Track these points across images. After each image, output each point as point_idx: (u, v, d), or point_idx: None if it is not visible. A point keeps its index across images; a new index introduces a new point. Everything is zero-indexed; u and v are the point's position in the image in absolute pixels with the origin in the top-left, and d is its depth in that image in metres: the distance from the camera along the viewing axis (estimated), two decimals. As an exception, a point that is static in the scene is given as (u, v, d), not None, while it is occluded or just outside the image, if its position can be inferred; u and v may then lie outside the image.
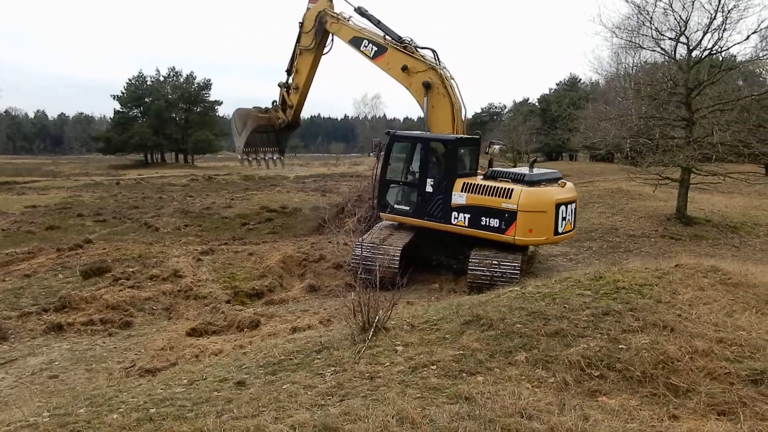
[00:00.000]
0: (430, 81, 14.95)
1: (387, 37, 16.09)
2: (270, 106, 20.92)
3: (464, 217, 13.19)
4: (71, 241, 18.63)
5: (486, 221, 12.89)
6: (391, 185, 14.42)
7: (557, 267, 14.89)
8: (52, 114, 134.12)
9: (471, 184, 13.22)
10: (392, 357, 6.05)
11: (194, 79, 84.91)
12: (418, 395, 5.04)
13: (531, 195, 12.60)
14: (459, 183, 13.30)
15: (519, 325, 6.45)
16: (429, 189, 13.66)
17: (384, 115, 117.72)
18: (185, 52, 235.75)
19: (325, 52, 18.69)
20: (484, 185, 13.05)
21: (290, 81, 19.59)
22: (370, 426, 4.31)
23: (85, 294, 12.25)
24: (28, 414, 5.57)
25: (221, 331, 10.72)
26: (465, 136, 14.52)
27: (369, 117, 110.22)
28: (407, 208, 14.01)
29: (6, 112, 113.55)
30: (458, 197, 13.23)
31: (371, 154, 16.50)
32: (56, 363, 9.42)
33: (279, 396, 5.24)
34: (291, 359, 6.42)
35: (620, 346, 5.93)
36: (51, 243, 19.55)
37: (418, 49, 15.68)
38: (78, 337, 10.62)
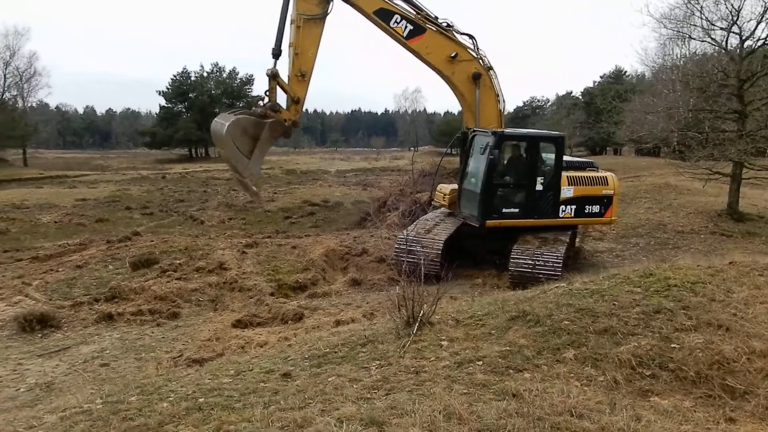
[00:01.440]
0: (479, 72, 14.13)
1: (421, 14, 13.64)
2: (260, 103, 12.97)
3: (571, 209, 13.88)
4: (120, 234, 19.13)
5: (589, 209, 14.02)
6: (499, 189, 13.61)
7: (603, 263, 14.60)
8: (101, 110, 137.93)
9: (575, 177, 13.96)
10: (437, 352, 6.01)
11: (237, 74, 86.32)
12: (465, 391, 4.99)
13: (616, 180, 14.42)
14: (564, 177, 13.79)
15: (567, 322, 6.34)
16: (539, 187, 13.60)
17: (424, 109, 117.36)
18: (227, 48, 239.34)
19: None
20: (587, 176, 14.08)
21: (289, 67, 12.82)
22: (417, 421, 4.29)
23: (134, 285, 12.55)
24: (82, 401, 5.72)
25: (266, 323, 10.85)
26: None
27: (409, 111, 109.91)
28: (516, 210, 13.60)
29: (57, 108, 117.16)
30: (566, 191, 13.79)
31: (449, 150, 15.89)
32: (107, 351, 9.68)
33: (325, 389, 5.26)
34: (336, 352, 6.45)
35: (673, 346, 5.77)
36: (101, 235, 20.12)
37: (456, 35, 14.11)
38: (128, 326, 10.89)
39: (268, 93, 12.40)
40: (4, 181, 43.29)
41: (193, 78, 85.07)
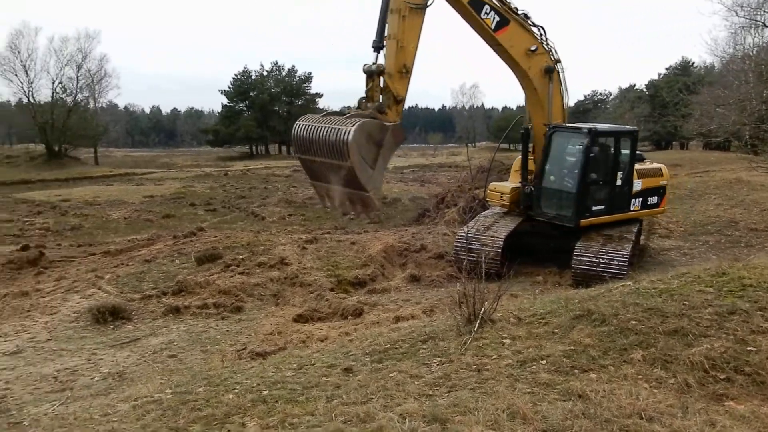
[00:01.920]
0: (553, 66, 13.55)
1: (505, 5, 13.00)
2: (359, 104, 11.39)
3: (638, 202, 13.93)
4: (185, 229, 19.72)
5: (650, 200, 14.08)
6: (592, 187, 13.16)
7: (670, 262, 14.12)
8: (166, 109, 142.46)
9: (640, 169, 13.92)
10: (499, 350, 5.95)
11: (295, 72, 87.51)
12: (528, 390, 4.92)
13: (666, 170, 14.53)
14: (634, 171, 13.75)
15: (634, 322, 6.15)
16: (619, 182, 13.47)
17: (482, 104, 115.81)
18: (286, 46, 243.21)
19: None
20: (648, 168, 14.13)
21: (387, 62, 11.33)
22: (481, 419, 4.26)
23: (200, 279, 12.91)
24: (152, 390, 5.94)
25: (326, 318, 10.99)
26: None
27: (467, 107, 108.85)
28: (602, 207, 13.33)
29: (125, 108, 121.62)
30: (637, 184, 13.80)
31: (509, 146, 15.36)
32: (175, 343, 10.00)
33: (386, 384, 5.28)
34: (396, 348, 6.47)
35: (749, 348, 5.51)
36: (167, 230, 20.83)
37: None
38: (194, 319, 11.22)
39: (368, 92, 11.00)
40: (78, 179, 45.33)
41: (253, 77, 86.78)
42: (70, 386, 8.23)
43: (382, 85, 10.98)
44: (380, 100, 10.89)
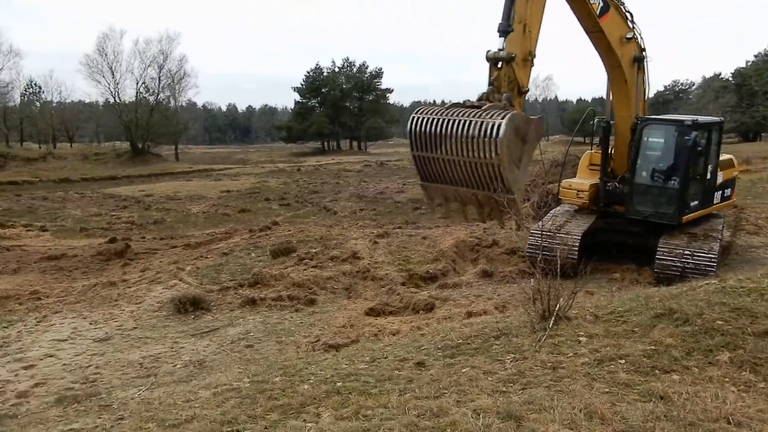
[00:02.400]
0: (641, 55, 12.83)
1: None
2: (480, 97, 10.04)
3: (718, 195, 13.42)
4: (261, 223, 20.27)
5: (725, 193, 13.63)
6: (691, 181, 12.49)
7: (759, 260, 13.35)
8: (241, 107, 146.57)
9: (721, 161, 13.44)
10: (575, 348, 5.80)
11: (366, 68, 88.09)
12: (606, 390, 4.78)
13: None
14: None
15: (720, 322, 5.86)
16: (708, 176, 12.93)
17: (555, 96, 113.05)
18: (357, 43, 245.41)
19: None
20: (723, 159, 13.57)
21: (510, 49, 9.82)
22: (557, 417, 4.17)
23: (275, 272, 13.24)
24: (231, 379, 6.15)
25: (398, 312, 11.04)
26: None
27: (540, 99, 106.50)
28: (696, 202, 12.79)
29: (203, 106, 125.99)
30: (719, 176, 13.39)
31: (588, 140, 14.54)
32: (251, 334, 10.30)
33: (459, 379, 5.26)
34: (469, 343, 6.43)
35: None
36: (244, 224, 21.46)
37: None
38: (269, 311, 11.52)
39: (494, 82, 9.67)
40: (160, 175, 47.31)
41: (325, 73, 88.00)
42: (154, 372, 8.62)
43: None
44: (508, 90, 9.65)
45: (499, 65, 9.66)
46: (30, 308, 11.99)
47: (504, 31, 9.70)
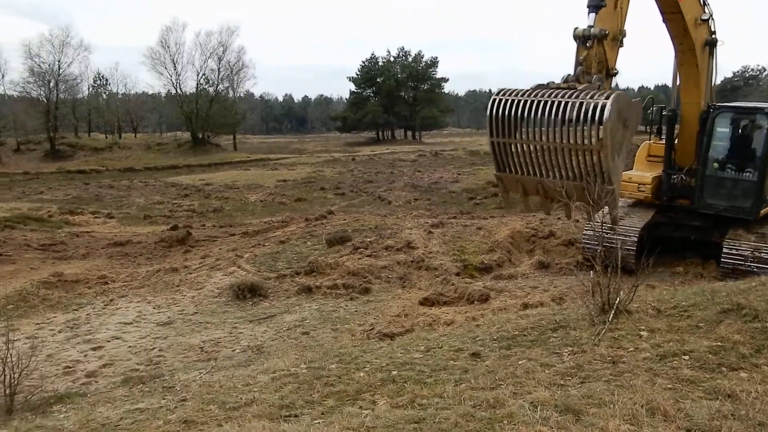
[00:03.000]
0: (713, 39, 12.03)
1: None
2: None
3: None
4: (316, 212, 20.55)
5: None
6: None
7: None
8: (298, 97, 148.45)
9: None
10: (636, 342, 5.65)
11: (422, 57, 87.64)
12: (669, 386, 4.64)
13: None
14: None
15: (793, 319, 5.60)
16: None
17: (616, 84, 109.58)
18: (412, 32, 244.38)
19: None
20: None
21: (608, 26, 8.92)
22: (617, 412, 4.08)
23: (330, 260, 13.40)
24: (289, 364, 6.26)
25: (452, 302, 11.00)
26: None
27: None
28: None
29: (260, 97, 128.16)
30: None
31: (650, 130, 13.46)
32: (307, 321, 10.47)
33: (515, 371, 5.20)
34: (525, 335, 6.34)
35: None
36: (300, 213, 21.80)
37: None
38: (324, 299, 11.67)
39: (583, 62, 8.74)
40: (219, 164, 48.47)
41: (380, 63, 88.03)
42: (214, 356, 8.88)
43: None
44: (599, 72, 8.75)
45: (589, 44, 8.69)
46: (98, 292, 12.53)
47: (596, 5, 8.70)
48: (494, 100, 8.54)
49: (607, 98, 7.75)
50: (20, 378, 6.67)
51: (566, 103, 7.92)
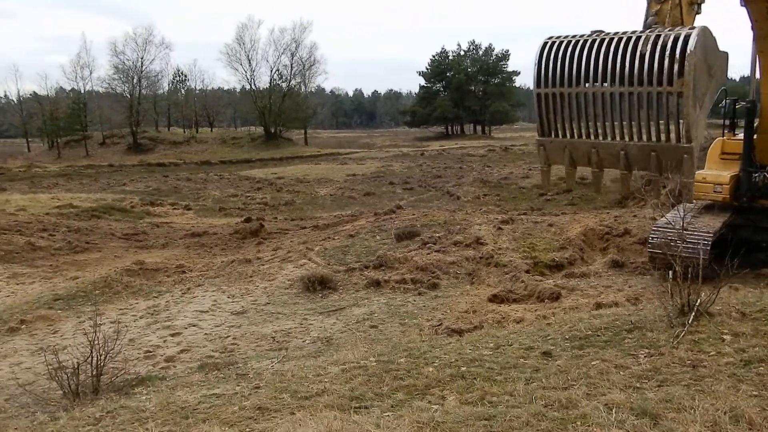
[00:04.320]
0: None
1: None
2: None
3: None
4: (385, 207, 20.68)
5: None
6: None
7: None
8: (367, 92, 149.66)
9: None
10: (718, 346, 5.41)
11: (492, 50, 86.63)
12: (755, 393, 4.42)
13: None
14: None
15: None
16: None
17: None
18: (482, 24, 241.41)
19: None
20: None
21: None
22: (698, 418, 3.92)
23: (398, 255, 13.44)
24: (358, 357, 6.34)
25: (521, 299, 10.83)
26: None
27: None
28: None
29: (331, 92, 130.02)
30: None
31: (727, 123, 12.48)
32: (375, 315, 10.55)
33: (589, 372, 5.09)
34: (598, 335, 6.19)
35: None
36: (369, 207, 22.01)
37: None
38: (392, 293, 11.72)
39: (656, 16, 7.85)
40: (290, 158, 49.56)
41: (450, 57, 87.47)
42: (285, 346, 9.08)
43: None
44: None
45: None
46: (176, 281, 13.06)
47: None
48: (545, 43, 7.33)
49: (692, 30, 6.51)
50: (106, 360, 7.05)
51: (638, 37, 6.59)
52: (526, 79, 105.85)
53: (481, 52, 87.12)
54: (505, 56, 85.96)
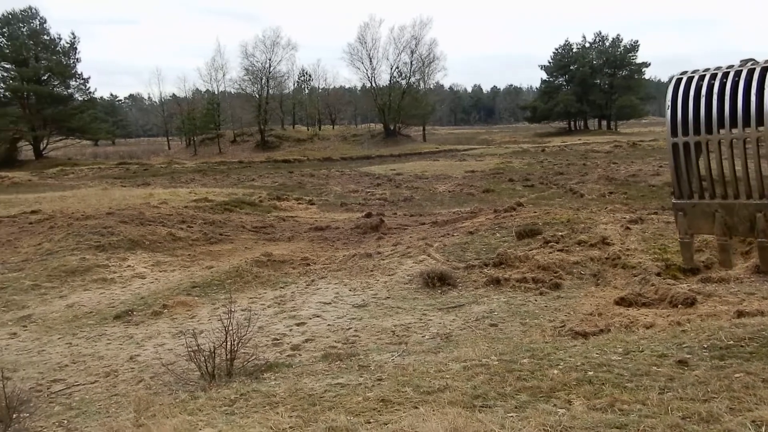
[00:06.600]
0: None
1: None
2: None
3: None
4: (505, 204, 20.33)
5: None
6: None
7: None
8: (486, 88, 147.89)
9: None
10: None
11: (620, 41, 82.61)
12: None
13: None
14: None
15: None
16: None
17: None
18: (608, 13, 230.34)
19: None
20: None
21: None
22: None
23: (519, 253, 13.17)
24: (479, 355, 6.29)
25: (651, 304, 10.25)
26: None
27: None
28: None
29: (450, 88, 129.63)
30: None
31: None
32: (495, 313, 10.41)
33: (732, 385, 4.73)
34: (742, 346, 5.73)
35: None
36: (488, 204, 21.74)
37: None
38: (513, 292, 11.51)
39: None
40: (408, 155, 50.01)
41: (574, 50, 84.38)
42: (405, 341, 9.19)
43: None
44: None
45: None
46: (301, 272, 13.61)
47: None
48: (678, 79, 5.55)
49: None
50: (239, 345, 7.49)
51: None
52: (656, 71, 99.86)
53: (607, 44, 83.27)
54: (634, 47, 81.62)
